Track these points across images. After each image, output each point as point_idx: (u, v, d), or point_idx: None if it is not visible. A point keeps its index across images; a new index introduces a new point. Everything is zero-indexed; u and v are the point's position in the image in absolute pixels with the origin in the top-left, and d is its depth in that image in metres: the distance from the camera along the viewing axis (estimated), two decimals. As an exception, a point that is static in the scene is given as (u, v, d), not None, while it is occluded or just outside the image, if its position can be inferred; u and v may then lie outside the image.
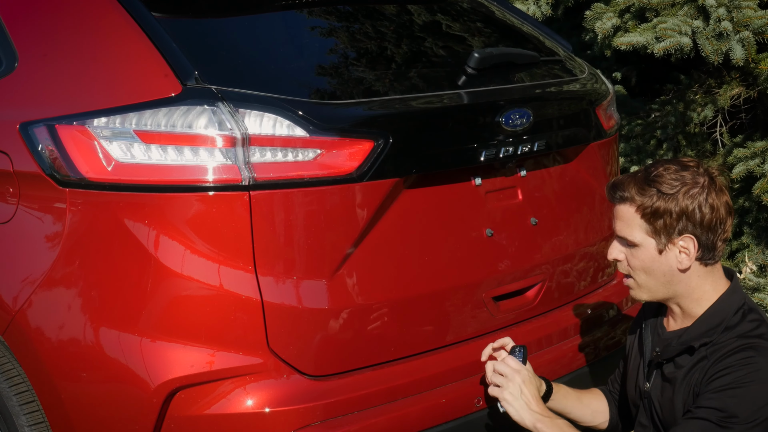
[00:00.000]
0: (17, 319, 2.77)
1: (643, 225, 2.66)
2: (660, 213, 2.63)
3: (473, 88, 3.03)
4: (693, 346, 2.68)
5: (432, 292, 2.94)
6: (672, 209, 2.63)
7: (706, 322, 2.69)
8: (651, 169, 2.68)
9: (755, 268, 4.86)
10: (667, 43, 4.60)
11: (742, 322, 2.67)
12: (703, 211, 2.63)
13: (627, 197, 2.67)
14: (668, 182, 2.64)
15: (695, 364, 2.68)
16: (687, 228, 2.64)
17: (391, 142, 2.75)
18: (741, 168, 4.87)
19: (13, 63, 2.95)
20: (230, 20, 3.02)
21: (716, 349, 2.64)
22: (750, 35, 4.53)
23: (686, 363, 2.70)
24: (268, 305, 2.65)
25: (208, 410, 2.64)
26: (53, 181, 2.71)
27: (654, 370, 2.80)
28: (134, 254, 2.64)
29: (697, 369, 2.66)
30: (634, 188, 2.66)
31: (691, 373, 2.68)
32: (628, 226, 2.68)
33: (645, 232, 2.66)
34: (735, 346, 2.62)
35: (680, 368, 2.71)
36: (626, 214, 2.68)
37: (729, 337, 2.64)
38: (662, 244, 2.66)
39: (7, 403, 2.82)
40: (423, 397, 2.86)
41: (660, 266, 2.68)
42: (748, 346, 2.61)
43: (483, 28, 3.56)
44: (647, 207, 2.64)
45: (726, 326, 2.66)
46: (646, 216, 2.65)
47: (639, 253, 2.69)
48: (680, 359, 2.72)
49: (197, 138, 2.61)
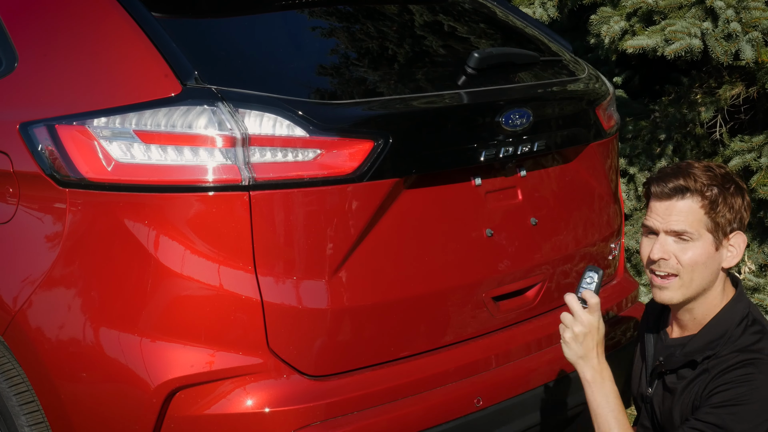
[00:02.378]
0: (17, 319, 2.78)
1: (705, 219, 2.63)
2: (722, 209, 2.63)
3: (473, 88, 3.03)
4: (696, 360, 2.67)
5: (432, 292, 2.94)
6: (733, 205, 2.64)
7: (709, 333, 2.68)
8: (695, 165, 2.67)
9: (755, 268, 4.86)
10: (677, 46, 4.60)
11: (745, 334, 2.65)
12: (747, 212, 2.68)
13: (691, 189, 2.63)
14: (721, 178, 2.65)
15: (696, 376, 2.67)
16: (738, 226, 2.66)
17: (391, 142, 2.75)
18: (738, 161, 4.87)
19: (13, 63, 2.95)
20: (230, 20, 3.02)
21: (718, 362, 2.63)
22: (759, 35, 4.54)
23: (688, 375, 2.70)
24: (268, 305, 2.65)
25: (208, 410, 2.64)
26: (53, 181, 2.71)
27: (656, 377, 2.79)
28: (134, 254, 2.64)
29: (698, 382, 2.66)
30: (698, 182, 2.62)
31: (691, 386, 2.67)
32: (687, 221, 2.63)
33: (705, 227, 2.64)
34: (736, 361, 2.60)
35: (682, 379, 2.71)
36: (687, 208, 2.63)
37: (731, 351, 2.63)
38: (719, 240, 2.65)
39: (7, 403, 2.82)
40: (423, 397, 2.86)
41: (713, 263, 2.66)
42: (749, 362, 2.59)
43: (483, 28, 3.56)
44: (712, 201, 2.62)
45: (729, 338, 2.65)
46: (710, 211, 2.63)
47: (695, 248, 2.64)
48: (682, 371, 2.71)
49: (197, 138, 2.61)
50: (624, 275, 3.69)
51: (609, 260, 3.51)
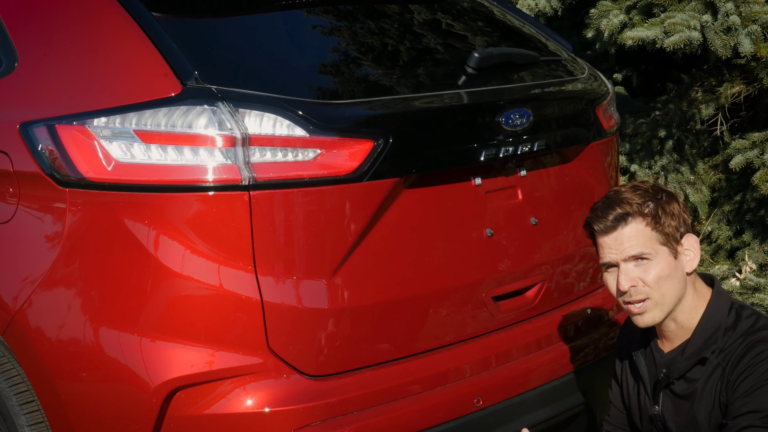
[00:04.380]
0: (17, 318, 2.78)
1: (655, 236, 2.65)
2: (665, 219, 2.66)
3: (473, 87, 3.03)
4: (706, 357, 2.67)
5: (432, 292, 2.94)
6: (673, 212, 2.67)
7: (705, 330, 2.69)
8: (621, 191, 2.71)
9: (755, 267, 4.86)
10: (677, 38, 4.60)
11: (740, 320, 2.67)
12: (685, 214, 2.71)
13: (630, 213, 2.66)
14: (651, 191, 2.69)
15: (711, 373, 2.66)
16: (686, 229, 2.70)
17: (391, 142, 2.75)
18: (740, 159, 4.87)
19: (13, 63, 2.95)
20: (230, 20, 3.02)
21: (727, 354, 2.64)
22: (758, 29, 4.54)
23: (700, 375, 2.69)
24: (268, 305, 2.65)
25: (208, 410, 2.64)
26: (53, 181, 2.71)
27: (661, 391, 2.77)
28: (134, 254, 2.64)
29: (715, 379, 2.65)
30: (633, 204, 2.66)
31: (709, 384, 2.66)
32: (641, 243, 2.65)
33: (658, 242, 2.66)
34: (744, 345, 2.61)
35: (694, 382, 2.69)
36: (634, 232, 2.65)
37: (734, 338, 2.64)
38: (674, 249, 2.67)
39: (7, 402, 2.82)
40: (423, 397, 2.86)
41: (677, 273, 2.68)
42: (757, 340, 2.61)
43: (483, 27, 3.56)
44: (654, 216, 2.65)
45: (725, 328, 2.66)
46: (657, 226, 2.65)
47: (655, 265, 2.66)
48: (692, 373, 2.70)
49: (197, 138, 2.61)
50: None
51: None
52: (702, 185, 5.40)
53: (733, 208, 5.25)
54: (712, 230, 5.30)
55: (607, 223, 2.67)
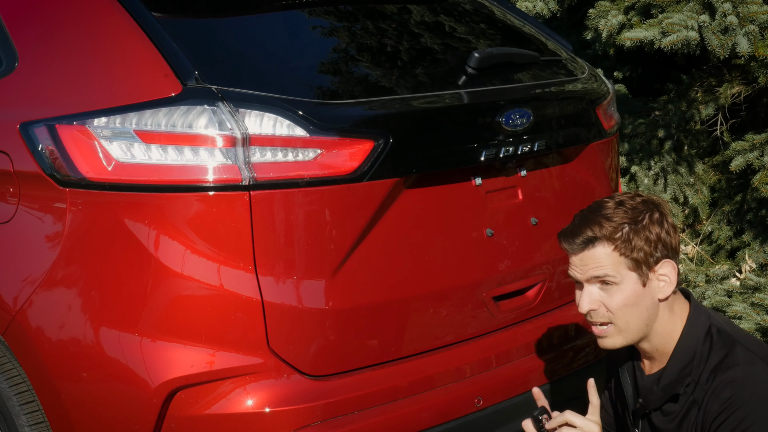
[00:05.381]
0: (17, 318, 2.78)
1: (623, 261, 2.52)
2: (637, 244, 2.52)
3: (473, 87, 3.03)
4: (678, 393, 2.57)
5: (432, 292, 2.94)
6: (648, 237, 2.53)
7: (679, 361, 2.57)
8: (605, 206, 2.58)
9: (755, 267, 4.86)
10: (674, 38, 4.60)
11: (713, 350, 2.54)
12: (671, 235, 2.56)
13: (599, 237, 2.54)
14: (633, 212, 2.54)
15: (688, 410, 2.56)
16: (663, 254, 2.54)
17: (391, 142, 2.75)
18: (740, 161, 4.87)
19: (13, 63, 2.95)
20: (230, 20, 3.02)
21: (700, 389, 2.53)
22: (756, 28, 4.54)
23: (675, 409, 2.59)
24: (268, 305, 2.65)
25: (208, 410, 2.64)
26: (53, 181, 2.71)
27: (639, 419, 2.69)
28: (134, 254, 2.64)
29: (691, 417, 2.55)
30: (601, 228, 2.53)
31: (686, 422, 2.56)
32: (606, 267, 2.52)
33: (626, 268, 2.52)
34: (716, 386, 2.49)
35: (670, 415, 2.60)
36: (601, 255, 2.53)
37: (707, 374, 2.52)
38: (644, 275, 2.53)
39: (7, 403, 2.82)
40: (423, 397, 2.86)
41: (644, 300, 2.54)
42: (727, 382, 2.48)
43: (483, 27, 3.56)
44: (624, 241, 2.52)
45: (700, 358, 2.55)
46: (625, 251, 2.52)
47: (620, 291, 2.53)
48: (667, 407, 2.60)
49: (197, 138, 2.61)
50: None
51: None
52: (702, 186, 5.40)
53: (733, 208, 5.25)
54: (712, 230, 5.31)
55: (573, 245, 2.57)
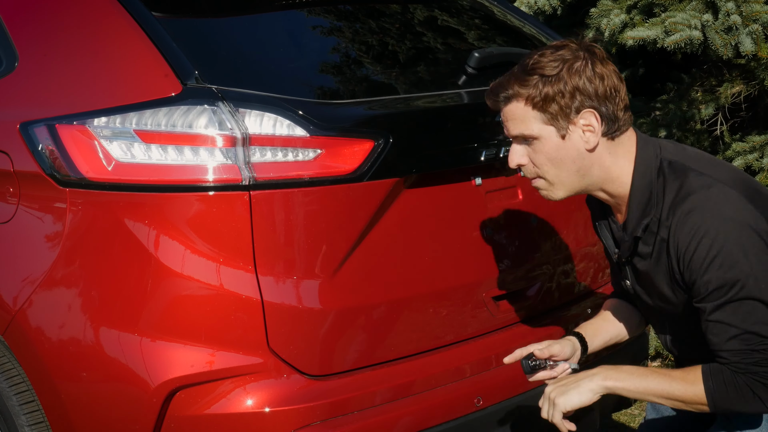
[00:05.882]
0: (17, 318, 2.78)
1: (538, 115, 2.48)
2: (551, 97, 2.47)
3: (473, 87, 3.04)
4: (638, 237, 2.55)
5: (432, 292, 2.94)
6: (562, 89, 2.48)
7: (638, 203, 2.54)
8: (527, 60, 2.53)
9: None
10: (678, 37, 4.59)
11: (667, 185, 2.50)
12: (594, 83, 2.49)
13: (512, 95, 2.51)
14: (548, 65, 2.49)
15: (659, 249, 2.52)
16: (584, 104, 2.47)
17: (391, 142, 2.75)
18: (739, 162, 4.87)
19: (13, 63, 2.95)
20: (230, 20, 3.02)
21: (664, 227, 2.49)
22: (759, 28, 4.54)
23: (648, 250, 2.55)
24: (268, 305, 2.65)
25: (208, 410, 2.64)
26: (53, 180, 2.71)
27: (624, 267, 2.68)
28: (134, 254, 2.64)
29: (663, 254, 2.51)
30: (516, 83, 2.50)
31: (662, 261, 2.53)
32: (522, 123, 2.49)
33: (542, 122, 2.48)
34: (677, 220, 2.45)
35: (646, 258, 2.57)
36: (517, 111, 2.50)
37: (666, 209, 2.49)
38: (563, 128, 2.48)
39: (7, 402, 2.83)
40: (423, 397, 2.86)
41: (567, 152, 2.50)
42: (688, 211, 2.44)
43: (483, 27, 3.56)
44: (536, 96, 2.48)
45: (657, 196, 2.51)
46: (538, 105, 2.47)
47: (541, 146, 2.50)
48: (641, 249, 2.57)
49: (197, 138, 2.61)
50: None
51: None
52: (702, 185, 5.40)
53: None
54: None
55: (493, 101, 2.55)
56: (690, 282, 2.46)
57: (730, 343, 2.41)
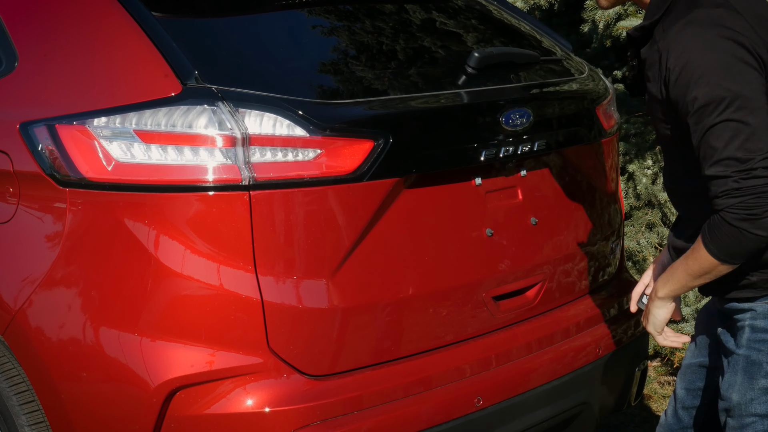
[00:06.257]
0: (17, 318, 2.78)
1: None
2: None
3: (473, 87, 3.03)
4: (632, 36, 2.62)
5: (432, 292, 2.94)
6: None
7: (653, 6, 2.57)
8: None
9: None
10: None
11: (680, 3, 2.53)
12: None
13: None
14: None
15: (657, 58, 2.53)
16: None
17: (391, 142, 2.75)
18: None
19: (13, 63, 2.95)
20: (230, 20, 3.02)
21: (663, 41, 2.50)
22: None
23: (652, 56, 2.56)
24: (268, 305, 2.65)
25: (208, 410, 2.64)
26: (53, 180, 2.71)
27: None
28: (134, 254, 2.64)
29: (656, 65, 2.52)
30: None
31: (654, 69, 2.54)
32: None
33: None
34: (675, 30, 2.47)
35: (649, 65, 2.59)
36: None
37: (670, 22, 2.51)
38: None
39: (7, 402, 2.83)
40: (423, 397, 2.86)
41: None
42: (686, 23, 2.45)
43: (483, 27, 3.56)
44: None
45: (670, 8, 2.54)
46: None
47: None
48: (645, 54, 2.60)
49: (197, 138, 2.61)
50: (624, 274, 3.69)
51: (609, 259, 3.52)
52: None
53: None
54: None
55: None
56: (676, 95, 2.46)
57: None
